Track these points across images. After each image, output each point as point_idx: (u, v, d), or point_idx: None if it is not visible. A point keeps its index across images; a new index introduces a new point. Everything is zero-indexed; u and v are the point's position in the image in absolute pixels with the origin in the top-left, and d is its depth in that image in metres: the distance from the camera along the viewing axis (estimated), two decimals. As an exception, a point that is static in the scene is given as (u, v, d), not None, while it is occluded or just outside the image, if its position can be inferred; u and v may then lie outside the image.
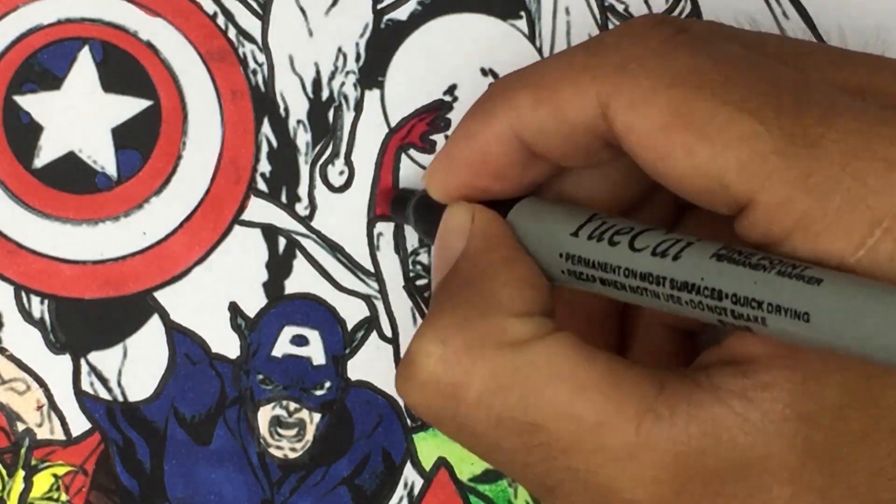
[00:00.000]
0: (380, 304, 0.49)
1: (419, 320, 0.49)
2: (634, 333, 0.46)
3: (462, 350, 0.40)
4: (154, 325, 0.49)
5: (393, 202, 0.48)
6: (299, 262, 0.49)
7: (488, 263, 0.41)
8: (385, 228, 0.49)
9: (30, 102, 0.48)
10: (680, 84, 0.38)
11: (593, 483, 0.39)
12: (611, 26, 0.49)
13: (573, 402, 0.39)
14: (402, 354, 0.49)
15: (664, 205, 0.45)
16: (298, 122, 0.49)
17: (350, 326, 0.49)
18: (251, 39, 0.49)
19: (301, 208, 0.49)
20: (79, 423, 0.49)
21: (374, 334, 0.49)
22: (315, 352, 0.49)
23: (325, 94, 0.49)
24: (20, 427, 0.49)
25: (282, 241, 0.49)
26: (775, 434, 0.37)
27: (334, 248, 0.49)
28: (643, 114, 0.38)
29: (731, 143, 0.37)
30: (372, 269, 0.49)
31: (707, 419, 0.38)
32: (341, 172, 0.49)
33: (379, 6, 0.49)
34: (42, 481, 0.49)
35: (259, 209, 0.49)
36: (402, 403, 0.49)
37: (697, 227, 0.43)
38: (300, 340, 0.49)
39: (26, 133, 0.48)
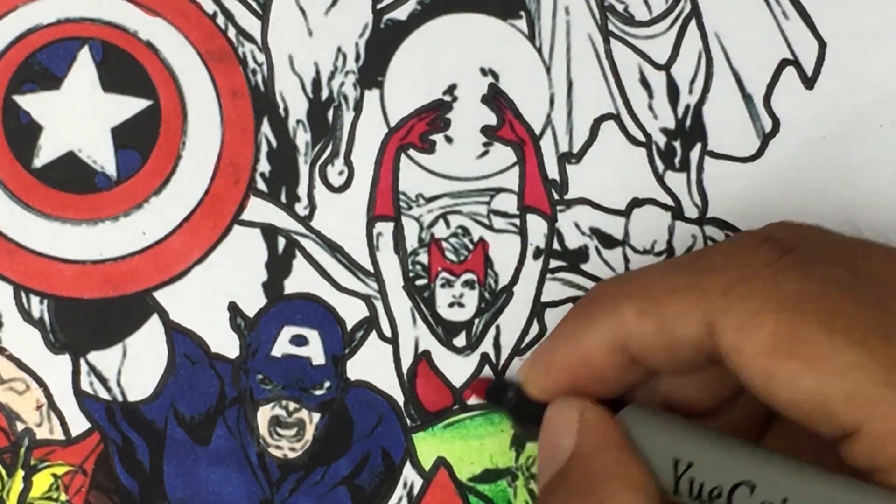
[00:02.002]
0: (379, 304, 0.49)
1: (418, 320, 0.49)
2: None
3: None
4: (153, 324, 0.49)
5: (489, 392, 0.48)
6: (299, 262, 0.49)
7: (602, 465, 0.41)
8: (384, 228, 0.49)
9: (29, 102, 0.49)
10: (787, 309, 0.38)
11: None
12: (611, 26, 0.49)
13: None
14: (401, 354, 0.49)
15: (756, 406, 0.44)
16: (298, 121, 0.49)
17: (349, 326, 0.49)
18: (251, 39, 0.49)
19: (301, 208, 0.49)
20: (78, 423, 0.49)
21: (374, 334, 0.49)
22: (314, 352, 0.49)
23: (324, 94, 0.49)
24: (20, 427, 0.49)
25: (281, 241, 0.49)
26: None
27: (334, 248, 0.49)
28: (750, 336, 0.39)
29: (838, 373, 0.37)
30: (371, 269, 0.49)
31: None
32: (341, 172, 0.49)
33: (379, 6, 0.49)
34: (41, 481, 0.49)
35: (258, 209, 0.49)
36: (401, 403, 0.49)
37: (788, 433, 0.43)
38: (300, 340, 0.49)
39: (26, 133, 0.48)
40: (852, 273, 0.40)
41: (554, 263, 0.49)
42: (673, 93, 0.49)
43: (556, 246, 0.49)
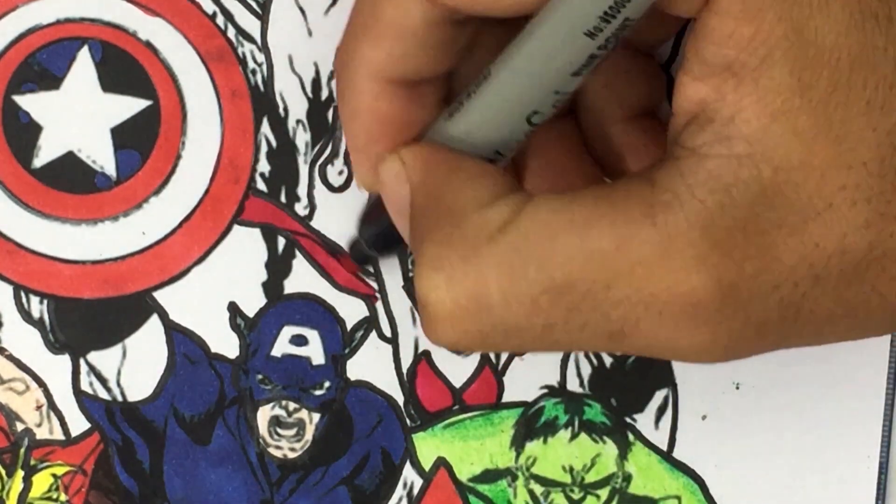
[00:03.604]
0: (379, 304, 0.49)
1: (418, 320, 0.49)
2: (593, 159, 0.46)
3: (460, 263, 0.39)
4: (153, 324, 0.49)
5: (351, 252, 0.48)
6: (298, 262, 0.49)
7: (438, 180, 0.41)
8: (384, 228, 0.49)
9: (29, 102, 0.48)
10: None
11: (649, 294, 0.38)
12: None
13: (586, 242, 0.38)
14: (401, 354, 0.49)
15: None
16: (298, 121, 0.49)
17: (349, 326, 0.49)
18: (250, 39, 0.49)
19: (300, 208, 0.49)
20: (78, 423, 0.49)
21: (374, 334, 0.49)
22: (314, 351, 0.49)
23: (324, 94, 0.49)
24: (19, 427, 0.49)
25: (281, 241, 0.49)
26: (773, 132, 0.37)
27: (334, 248, 0.49)
28: None
29: None
30: (371, 269, 0.49)
31: (706, 180, 0.37)
32: (340, 172, 0.49)
33: (378, 6, 0.49)
34: (41, 481, 0.49)
35: (258, 209, 0.49)
36: (401, 403, 0.49)
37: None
38: (299, 340, 0.49)
39: (25, 133, 0.48)
40: None
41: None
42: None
43: (555, 246, 0.49)
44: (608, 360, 0.49)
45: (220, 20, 0.49)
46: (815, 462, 0.49)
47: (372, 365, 0.49)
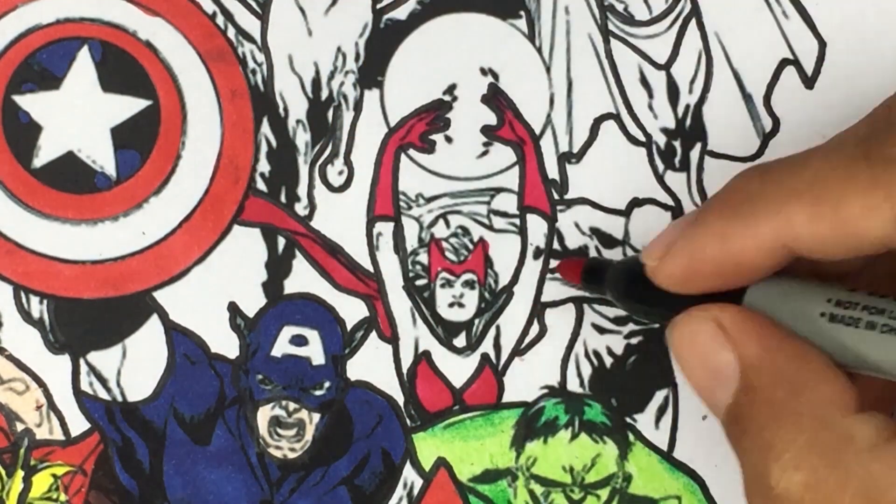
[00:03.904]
0: (379, 304, 0.49)
1: (418, 320, 0.49)
2: None
3: (825, 469, 0.38)
4: (153, 325, 0.49)
5: (587, 270, 0.47)
6: (298, 262, 0.49)
7: (785, 367, 0.40)
8: (384, 228, 0.49)
9: (29, 102, 0.48)
10: None
11: None
12: (611, 26, 0.49)
13: None
14: (401, 354, 0.49)
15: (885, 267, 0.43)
16: (298, 121, 0.49)
17: (349, 326, 0.49)
18: (250, 39, 0.49)
19: (300, 208, 0.49)
20: (78, 423, 0.49)
21: (374, 334, 0.49)
22: (314, 352, 0.49)
23: (324, 94, 0.49)
24: (19, 427, 0.49)
25: (281, 241, 0.49)
26: None
27: (334, 248, 0.49)
28: None
29: None
30: (371, 269, 0.49)
31: None
32: (340, 172, 0.49)
33: (378, 6, 0.49)
34: (41, 481, 0.49)
35: (258, 209, 0.49)
36: (401, 403, 0.49)
37: None
38: (299, 340, 0.49)
39: (25, 133, 0.48)
40: None
41: (554, 263, 0.49)
42: (673, 92, 0.49)
43: (556, 246, 0.49)
44: (608, 361, 0.49)
45: (220, 20, 0.49)
46: (816, 462, 0.49)
47: (372, 365, 0.49)
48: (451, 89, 0.49)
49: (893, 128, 0.39)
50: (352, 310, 0.49)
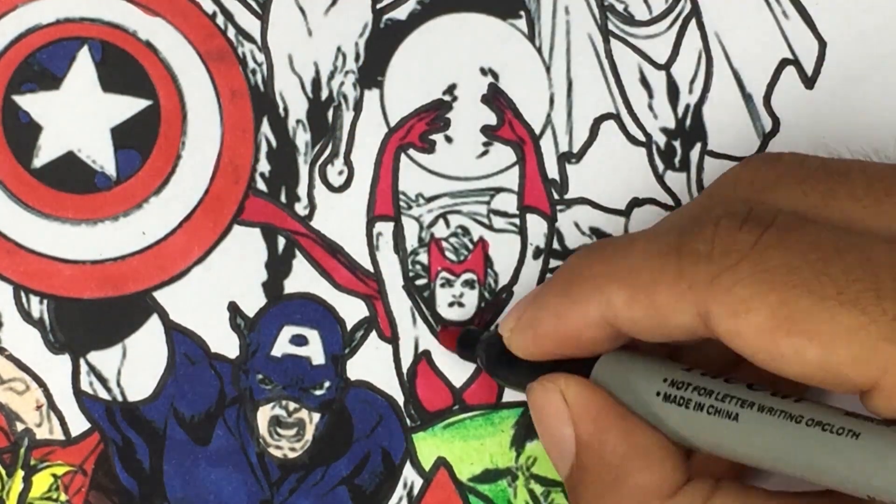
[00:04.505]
0: (379, 304, 0.49)
1: (418, 320, 0.49)
2: None
3: None
4: (153, 324, 0.49)
5: (460, 342, 0.48)
6: (298, 262, 0.49)
7: (613, 449, 0.42)
8: (384, 228, 0.49)
9: (29, 102, 0.48)
10: (776, 288, 0.39)
11: None
12: (611, 26, 0.49)
13: None
14: (401, 354, 0.49)
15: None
16: (298, 121, 0.49)
17: (349, 326, 0.49)
18: (250, 39, 0.49)
19: (300, 208, 0.49)
20: (78, 423, 0.49)
21: (374, 334, 0.49)
22: (314, 351, 0.49)
23: (324, 94, 0.49)
24: (19, 427, 0.49)
25: (281, 241, 0.49)
26: None
27: (334, 248, 0.49)
28: (745, 321, 0.39)
29: (840, 339, 0.38)
30: (371, 269, 0.49)
31: None
32: (340, 172, 0.49)
33: (378, 5, 0.49)
34: (41, 481, 0.49)
35: (258, 209, 0.49)
36: (401, 403, 0.49)
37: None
38: (299, 340, 0.49)
39: (25, 133, 0.48)
40: (833, 230, 0.40)
41: (554, 263, 0.49)
42: (673, 92, 0.49)
43: (556, 246, 0.49)
44: (608, 360, 0.49)
45: (220, 20, 0.49)
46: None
47: (372, 365, 0.49)
48: (451, 89, 0.49)
49: (702, 224, 0.41)
50: (352, 310, 0.49)
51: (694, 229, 0.41)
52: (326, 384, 0.49)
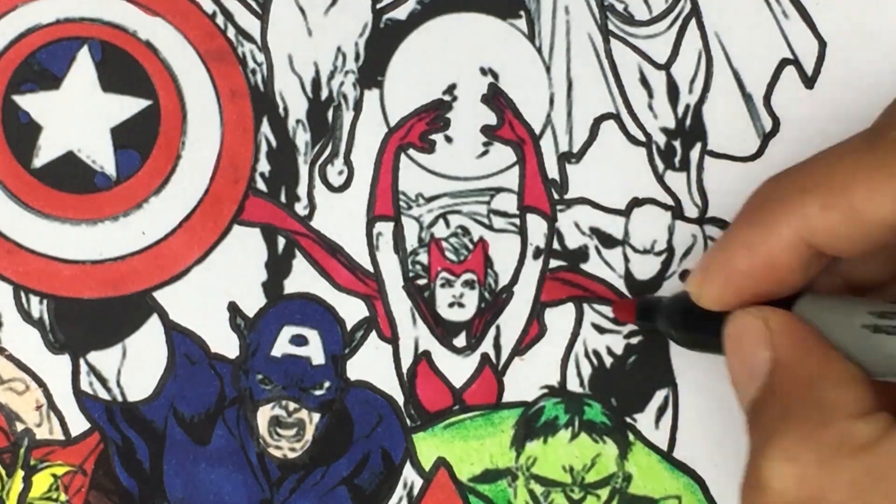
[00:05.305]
0: (379, 304, 0.49)
1: (418, 320, 0.49)
2: None
3: (815, 464, 0.39)
4: (153, 324, 0.49)
5: (639, 310, 0.48)
6: (298, 262, 0.49)
7: (810, 369, 0.41)
8: (384, 228, 0.49)
9: (29, 102, 0.48)
10: None
11: None
12: (611, 26, 0.49)
13: None
14: (401, 354, 0.49)
15: None
16: (298, 121, 0.49)
17: (349, 326, 0.49)
18: (250, 39, 0.49)
19: (300, 208, 0.49)
20: (78, 423, 0.49)
21: (374, 334, 0.49)
22: (314, 351, 0.49)
23: (324, 94, 0.49)
24: (19, 427, 0.49)
25: (281, 241, 0.49)
26: None
27: (334, 248, 0.49)
28: None
29: None
30: (371, 269, 0.49)
31: None
32: (340, 172, 0.49)
33: (378, 6, 0.49)
34: (41, 481, 0.49)
35: (258, 209, 0.49)
36: (401, 403, 0.49)
37: None
38: (299, 340, 0.49)
39: (25, 133, 0.48)
40: None
41: (554, 263, 0.49)
42: (673, 92, 0.49)
43: (556, 246, 0.49)
44: (608, 361, 0.49)
45: (220, 20, 0.49)
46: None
47: (372, 365, 0.49)
48: (450, 89, 0.49)
49: (889, 119, 0.40)
50: (352, 310, 0.49)
51: (890, 120, 0.40)
52: (326, 384, 0.49)
